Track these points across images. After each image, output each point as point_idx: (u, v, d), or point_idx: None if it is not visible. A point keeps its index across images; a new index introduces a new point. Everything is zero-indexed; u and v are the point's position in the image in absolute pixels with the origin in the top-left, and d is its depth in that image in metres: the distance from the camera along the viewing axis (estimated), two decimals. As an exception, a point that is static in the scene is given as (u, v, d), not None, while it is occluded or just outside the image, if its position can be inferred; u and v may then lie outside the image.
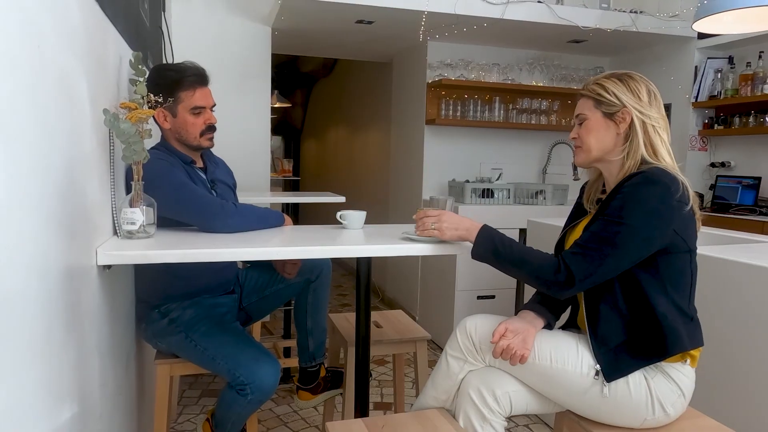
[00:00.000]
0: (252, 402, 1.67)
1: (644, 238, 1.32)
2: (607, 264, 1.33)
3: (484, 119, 4.06)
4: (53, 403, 0.99)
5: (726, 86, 3.67)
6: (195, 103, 1.79)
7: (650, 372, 1.36)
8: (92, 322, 1.28)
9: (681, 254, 1.37)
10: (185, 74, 1.78)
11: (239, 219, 1.70)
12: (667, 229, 1.33)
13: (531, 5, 3.40)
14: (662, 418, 1.37)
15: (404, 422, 1.43)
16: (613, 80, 1.43)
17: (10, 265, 0.81)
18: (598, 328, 1.39)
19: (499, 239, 1.46)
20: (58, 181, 1.03)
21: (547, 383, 1.41)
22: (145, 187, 1.51)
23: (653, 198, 1.32)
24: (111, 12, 1.48)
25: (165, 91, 1.73)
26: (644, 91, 1.42)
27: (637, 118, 1.40)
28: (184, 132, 1.81)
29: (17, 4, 0.85)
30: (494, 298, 3.67)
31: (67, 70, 1.10)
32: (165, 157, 1.76)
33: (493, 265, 1.48)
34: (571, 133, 1.53)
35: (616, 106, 1.41)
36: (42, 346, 0.93)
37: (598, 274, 1.34)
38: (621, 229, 1.32)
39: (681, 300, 1.37)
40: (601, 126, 1.44)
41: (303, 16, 3.43)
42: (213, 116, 1.86)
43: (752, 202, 3.54)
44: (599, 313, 1.39)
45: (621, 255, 1.33)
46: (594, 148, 1.45)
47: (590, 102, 1.45)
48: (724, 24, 2.34)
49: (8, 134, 0.81)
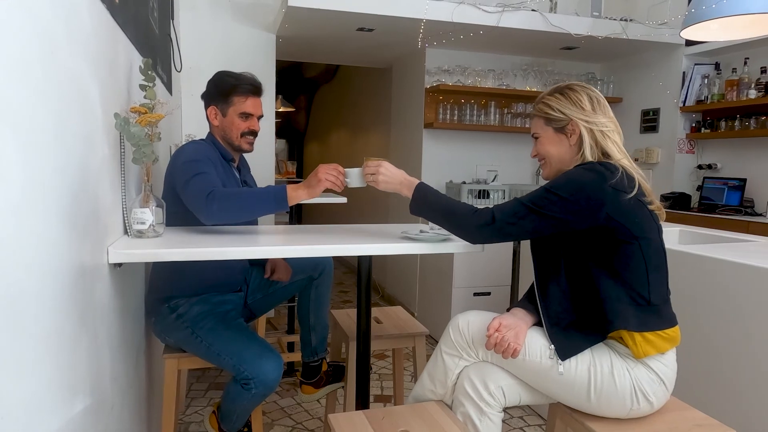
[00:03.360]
0: (256, 396, 1.67)
1: (567, 209, 1.34)
2: (528, 219, 1.37)
3: (480, 123, 4.07)
4: (67, 396, 0.99)
5: (713, 91, 3.67)
6: (245, 109, 1.88)
7: (630, 363, 1.37)
8: (104, 318, 1.28)
9: (626, 241, 1.37)
10: (242, 82, 1.88)
11: (220, 212, 1.59)
12: (595, 208, 1.33)
13: (525, 13, 3.40)
14: (646, 407, 1.37)
15: (404, 414, 1.43)
16: (557, 96, 1.48)
17: (26, 264, 0.81)
18: (549, 309, 1.42)
19: (432, 194, 1.53)
20: (71, 182, 1.04)
21: (538, 377, 1.42)
22: (171, 163, 1.75)
23: (583, 176, 1.37)
24: (121, 19, 1.48)
25: (222, 93, 1.87)
26: (586, 100, 1.45)
27: (584, 128, 1.44)
28: (229, 131, 1.89)
29: (32, 13, 0.85)
30: (490, 295, 3.67)
31: (80, 75, 1.10)
32: (204, 147, 1.83)
33: (427, 218, 1.54)
34: (531, 152, 1.58)
35: (563, 121, 1.46)
36: (56, 341, 0.94)
37: (517, 226, 1.39)
38: (547, 195, 1.37)
39: (637, 285, 1.37)
40: (554, 141, 1.49)
41: (306, 24, 3.43)
42: (257, 124, 1.93)
43: (738, 202, 3.54)
44: (548, 294, 1.43)
45: (542, 216, 1.36)
46: (554, 161, 1.50)
47: (541, 120, 1.50)
48: (711, 31, 2.35)
49: (23, 138, 0.81)
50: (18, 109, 0.79)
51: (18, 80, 0.79)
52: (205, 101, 1.93)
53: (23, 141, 0.81)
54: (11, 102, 0.77)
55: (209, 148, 1.85)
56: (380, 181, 1.57)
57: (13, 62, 0.78)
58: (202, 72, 3.55)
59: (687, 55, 3.79)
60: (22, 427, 0.79)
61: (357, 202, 5.96)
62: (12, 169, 0.77)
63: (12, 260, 0.76)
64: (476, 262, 3.60)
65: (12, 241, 0.76)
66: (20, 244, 0.79)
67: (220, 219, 1.60)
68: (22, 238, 0.80)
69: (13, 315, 0.76)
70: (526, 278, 2.75)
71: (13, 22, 0.78)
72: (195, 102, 3.49)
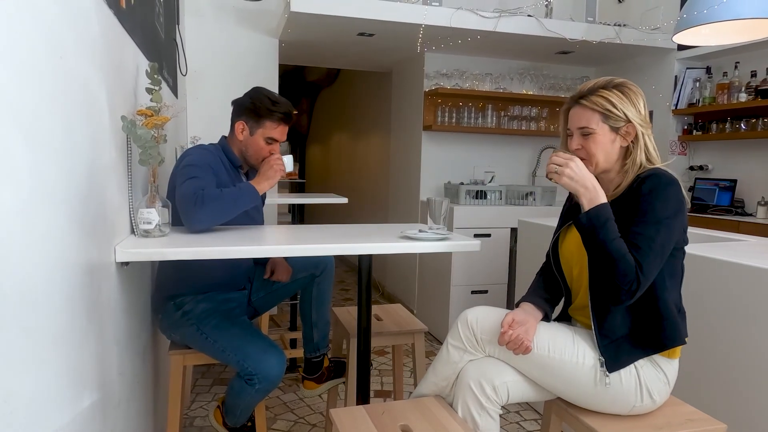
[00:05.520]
0: (260, 391, 1.67)
1: (674, 232, 1.31)
2: (658, 266, 1.30)
3: (478, 125, 4.06)
4: (75, 391, 0.99)
5: (704, 95, 3.67)
6: (273, 135, 1.89)
7: (640, 362, 1.36)
8: (111, 315, 1.28)
9: (677, 250, 1.36)
10: (279, 110, 1.88)
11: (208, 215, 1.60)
12: (685, 222, 1.34)
13: (521, 19, 3.40)
14: (649, 404, 1.36)
15: (403, 409, 1.43)
16: (616, 93, 1.38)
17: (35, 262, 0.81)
18: (605, 322, 1.37)
19: (610, 224, 1.31)
20: (79, 183, 1.04)
21: (544, 373, 1.40)
22: (175, 165, 1.76)
23: (675, 195, 1.31)
24: (128, 25, 1.48)
25: (256, 113, 1.86)
26: (641, 103, 1.40)
27: (640, 132, 1.38)
28: (251, 151, 1.89)
29: (41, 19, 0.85)
30: (487, 293, 3.67)
31: (88, 79, 1.10)
32: (209, 152, 1.82)
33: (584, 239, 1.34)
34: (571, 144, 1.43)
35: (622, 121, 1.38)
36: (65, 338, 0.94)
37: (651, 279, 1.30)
38: (660, 229, 1.29)
39: (675, 294, 1.37)
40: (609, 140, 1.39)
41: (308, 29, 3.43)
42: (278, 149, 1.94)
43: (728, 202, 3.54)
44: (608, 308, 1.36)
45: (664, 254, 1.30)
46: (602, 161, 1.40)
47: (597, 116, 1.38)
48: (702, 36, 2.35)
49: (33, 140, 0.81)
50: (28, 112, 0.79)
51: (28, 84, 0.79)
52: (235, 111, 1.91)
53: (33, 143, 0.81)
54: (21, 105, 0.77)
55: (215, 154, 1.84)
56: (566, 175, 1.34)
57: (24, 66, 0.78)
58: (207, 76, 3.57)
59: (679, 60, 3.79)
60: (31, 422, 0.79)
61: (358, 203, 5.96)
62: (22, 171, 0.77)
63: (22, 259, 0.76)
64: (474, 260, 3.60)
65: (22, 241, 0.76)
66: (30, 243, 0.79)
67: (207, 222, 1.60)
68: (32, 237, 0.80)
69: (23, 312, 0.76)
70: (522, 277, 2.75)
71: (23, 28, 0.78)
72: (200, 105, 3.51)
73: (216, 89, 3.55)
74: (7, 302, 0.71)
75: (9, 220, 0.73)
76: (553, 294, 1.55)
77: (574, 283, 1.51)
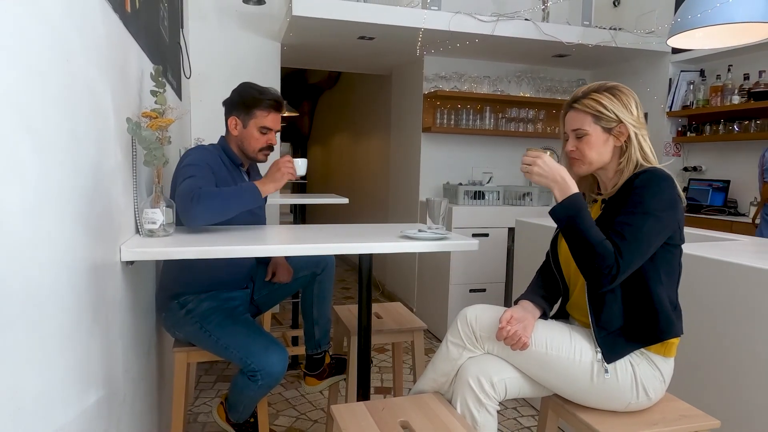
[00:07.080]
0: (262, 387, 1.67)
1: (665, 225, 1.31)
2: (642, 254, 1.30)
3: (476, 127, 4.06)
4: (81, 388, 0.99)
5: (698, 97, 3.67)
6: (265, 124, 1.87)
7: (636, 359, 1.36)
8: (116, 313, 1.28)
9: (674, 247, 1.36)
10: (266, 97, 1.86)
11: (204, 212, 1.58)
12: (677, 217, 1.33)
13: (519, 22, 3.40)
14: (644, 401, 1.37)
15: (403, 405, 1.43)
16: (607, 96, 1.40)
17: (42, 262, 0.81)
18: (602, 314, 1.37)
19: (584, 213, 1.33)
20: (85, 184, 1.04)
21: (542, 370, 1.40)
22: (176, 166, 1.73)
23: (668, 189, 1.32)
24: (133, 28, 1.48)
25: (245, 105, 1.85)
26: (633, 104, 1.41)
27: (632, 132, 1.39)
28: (247, 143, 1.88)
29: (48, 23, 0.85)
30: (485, 291, 3.67)
31: (93, 82, 1.10)
32: (208, 152, 1.81)
33: (561, 229, 1.37)
34: (567, 146, 1.46)
35: (614, 122, 1.40)
36: (71, 336, 0.94)
37: (633, 265, 1.31)
38: (648, 219, 1.29)
39: (671, 290, 1.38)
40: (601, 141, 1.41)
41: (310, 32, 3.43)
42: (275, 138, 1.92)
43: (722, 203, 3.54)
44: (603, 301, 1.37)
45: (650, 243, 1.30)
46: (595, 161, 1.42)
47: (589, 117, 1.41)
48: (696, 40, 2.35)
49: (40, 141, 0.81)
50: (35, 114, 0.79)
51: (35, 87, 0.79)
52: (226, 109, 1.91)
53: (39, 144, 0.81)
54: (28, 107, 0.77)
55: (214, 154, 1.84)
56: (534, 173, 1.39)
57: (31, 70, 0.78)
58: (211, 78, 3.57)
59: (673, 63, 3.79)
60: (38, 418, 0.79)
61: (358, 203, 5.96)
62: (29, 172, 0.77)
63: (29, 258, 0.76)
64: (472, 260, 3.60)
65: (28, 240, 0.76)
66: (36, 242, 0.79)
67: (203, 219, 1.58)
68: (38, 237, 0.80)
69: (30, 310, 0.76)
70: (520, 275, 2.74)
71: (30, 32, 0.78)
72: (204, 107, 3.51)
73: (219, 92, 3.51)
74: (14, 300, 0.71)
75: (16, 220, 0.72)
76: (552, 292, 1.55)
77: (571, 280, 1.52)
